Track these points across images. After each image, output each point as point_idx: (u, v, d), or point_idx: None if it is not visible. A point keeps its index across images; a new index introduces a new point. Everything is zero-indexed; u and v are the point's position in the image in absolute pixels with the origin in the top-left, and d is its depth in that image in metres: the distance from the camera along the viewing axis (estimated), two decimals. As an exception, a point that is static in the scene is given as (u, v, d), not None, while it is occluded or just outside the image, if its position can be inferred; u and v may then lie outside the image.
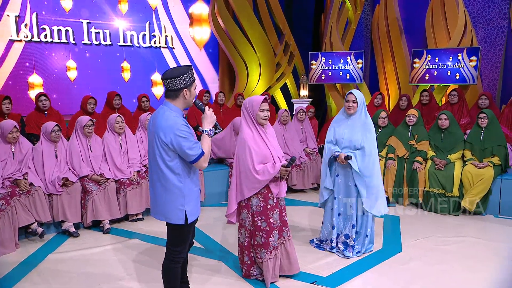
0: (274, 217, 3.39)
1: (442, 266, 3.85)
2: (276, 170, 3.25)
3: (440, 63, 7.80)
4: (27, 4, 7.21)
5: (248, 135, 3.33)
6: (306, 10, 10.48)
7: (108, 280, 3.63)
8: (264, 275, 3.43)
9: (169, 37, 8.65)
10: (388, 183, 5.61)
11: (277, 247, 3.43)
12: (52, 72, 7.47)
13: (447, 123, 5.38)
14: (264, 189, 3.35)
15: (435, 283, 3.53)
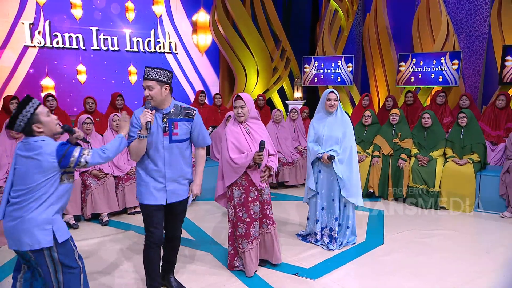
0: (254, 209, 3.23)
1: (421, 257, 3.68)
2: (249, 156, 3.08)
3: (425, 66, 7.64)
4: (40, 13, 7.11)
5: (229, 130, 3.22)
6: (303, 19, 10.36)
7: (104, 269, 3.48)
8: (246, 265, 3.27)
9: (172, 43, 8.52)
10: (373, 179, 5.47)
11: (257, 237, 3.28)
12: (63, 75, 7.36)
13: (430, 122, 5.22)
14: (245, 181, 3.19)
15: (413, 274, 3.36)
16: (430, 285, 3.19)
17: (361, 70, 9.87)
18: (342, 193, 3.77)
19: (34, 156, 2.14)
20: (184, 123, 2.73)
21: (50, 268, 2.23)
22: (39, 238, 2.16)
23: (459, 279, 3.27)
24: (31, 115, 2.17)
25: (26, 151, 2.17)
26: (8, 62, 6.89)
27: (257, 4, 8.90)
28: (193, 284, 3.17)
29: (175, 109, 2.72)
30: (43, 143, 2.18)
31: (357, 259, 3.67)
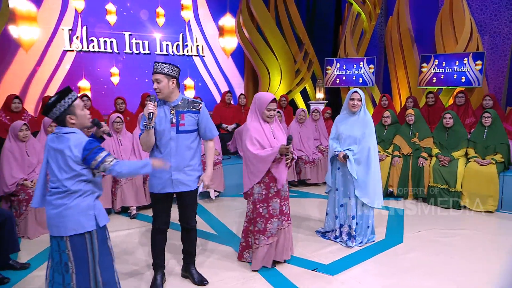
0: (274, 205, 3.17)
1: (440, 256, 3.53)
2: (275, 149, 3.03)
3: (447, 67, 7.35)
4: (78, 19, 7.29)
5: (252, 126, 3.14)
6: (326, 22, 10.23)
7: (130, 259, 3.52)
8: (255, 259, 3.23)
9: (200, 46, 8.56)
10: (393, 179, 5.31)
11: (275, 234, 3.21)
12: (98, 77, 7.51)
13: (451, 122, 5.02)
14: (266, 178, 3.13)
15: (433, 273, 3.23)
16: (449, 284, 3.05)
17: (383, 71, 9.63)
18: (356, 192, 3.67)
19: (64, 149, 2.15)
20: (191, 115, 2.78)
21: (89, 253, 2.23)
22: (83, 222, 2.19)
23: (479, 279, 3.12)
24: (68, 106, 2.19)
25: (57, 143, 2.18)
26: (49, 65, 7.10)
27: (281, 8, 8.84)
28: (214, 277, 3.15)
29: (182, 102, 2.79)
30: (72, 136, 2.19)
31: (376, 257, 3.56)
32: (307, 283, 3.06)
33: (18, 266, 3.28)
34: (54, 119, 2.21)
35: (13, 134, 4.08)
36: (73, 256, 2.20)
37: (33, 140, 4.27)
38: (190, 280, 3.08)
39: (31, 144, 4.22)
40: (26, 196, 3.98)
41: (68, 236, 2.17)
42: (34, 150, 4.24)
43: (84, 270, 2.23)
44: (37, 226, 4.05)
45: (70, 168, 2.16)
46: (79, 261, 2.21)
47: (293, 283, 3.06)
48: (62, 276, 2.21)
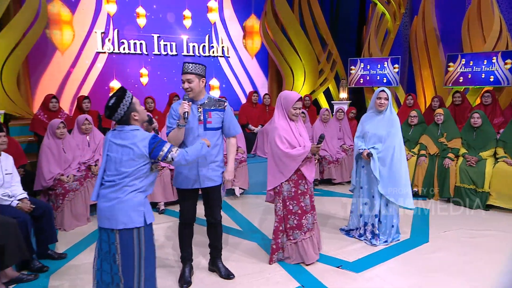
0: (305, 202, 3.20)
1: (467, 257, 3.43)
2: (307, 148, 3.08)
3: (474, 66, 7.12)
4: (110, 23, 7.46)
5: (280, 125, 3.15)
6: (349, 23, 10.09)
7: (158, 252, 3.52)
8: (302, 255, 3.24)
9: (225, 48, 8.61)
10: (418, 179, 5.20)
11: (311, 229, 3.24)
12: (129, 78, 7.68)
13: (479, 121, 4.86)
14: (295, 175, 3.15)
15: (460, 273, 3.14)
16: (477, 284, 2.96)
17: (407, 71, 9.42)
18: (380, 189, 3.61)
19: (129, 144, 2.21)
20: (217, 113, 2.85)
21: (135, 248, 2.26)
22: (133, 218, 2.23)
23: (507, 281, 3.01)
24: (130, 104, 2.25)
25: (121, 139, 2.23)
26: (83, 67, 7.31)
27: (305, 9, 8.79)
28: (239, 271, 3.17)
29: (208, 101, 2.85)
30: (138, 133, 2.26)
31: (402, 256, 3.50)
32: (332, 279, 3.04)
33: (56, 256, 3.41)
34: (119, 119, 2.25)
35: (51, 132, 4.23)
36: (120, 250, 2.23)
37: (69, 138, 4.42)
38: (217, 273, 3.12)
39: (67, 141, 4.37)
40: (62, 190, 4.13)
41: (118, 230, 2.21)
42: (70, 147, 4.39)
43: (129, 263, 2.26)
44: (72, 219, 4.19)
45: (132, 162, 2.21)
46: (125, 254, 2.24)
47: (318, 279, 3.05)
48: (110, 266, 2.27)
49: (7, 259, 2.83)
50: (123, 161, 2.21)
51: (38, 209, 3.28)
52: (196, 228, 3.39)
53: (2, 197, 3.14)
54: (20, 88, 6.59)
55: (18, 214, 3.07)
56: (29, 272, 3.11)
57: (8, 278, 2.94)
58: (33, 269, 3.14)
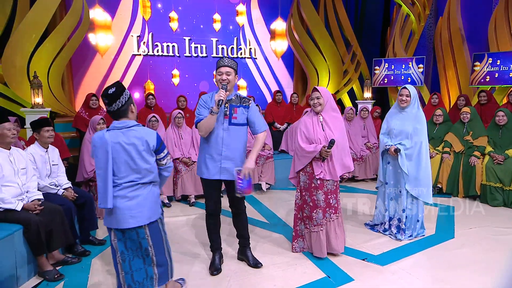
0: (317, 197, 3.14)
1: (494, 254, 3.30)
2: (317, 148, 3.05)
3: (502, 65, 6.82)
4: (145, 27, 7.63)
5: (303, 119, 3.24)
6: (374, 24, 9.90)
7: (189, 242, 3.64)
8: (311, 245, 3.24)
9: (252, 49, 8.63)
10: (443, 176, 5.05)
11: (320, 224, 3.17)
12: (161, 78, 7.83)
13: (504, 119, 4.68)
14: (309, 168, 3.15)
15: (486, 269, 3.02)
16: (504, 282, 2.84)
17: (431, 71, 9.14)
18: (406, 186, 3.53)
19: (137, 140, 2.14)
20: (242, 109, 2.85)
21: (163, 234, 2.33)
22: (157, 210, 2.28)
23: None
24: (130, 96, 2.22)
25: (125, 138, 2.14)
26: (120, 68, 7.51)
27: (330, 12, 8.70)
28: (267, 261, 3.18)
29: (235, 98, 2.87)
30: (143, 128, 2.22)
31: (427, 250, 3.41)
32: (358, 271, 3.00)
33: (97, 242, 3.53)
34: (117, 109, 2.14)
35: (92, 127, 4.37)
36: (152, 241, 2.25)
37: None
38: (246, 262, 3.14)
39: None
40: None
41: (147, 224, 2.21)
42: None
43: (161, 250, 2.32)
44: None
45: (145, 158, 2.17)
46: (156, 243, 2.28)
47: (344, 271, 3.01)
48: (143, 260, 2.28)
49: (54, 243, 2.96)
50: (135, 159, 2.14)
51: (81, 198, 3.41)
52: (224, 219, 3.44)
53: (50, 186, 3.28)
54: (64, 88, 6.85)
55: (64, 202, 3.20)
56: (73, 256, 3.23)
57: (55, 260, 3.07)
58: (77, 252, 3.27)
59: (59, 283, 2.85)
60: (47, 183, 3.27)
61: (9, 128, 2.96)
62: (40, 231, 2.81)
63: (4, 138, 2.95)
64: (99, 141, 2.14)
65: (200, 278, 2.92)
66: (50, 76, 6.39)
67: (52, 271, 2.90)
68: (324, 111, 3.15)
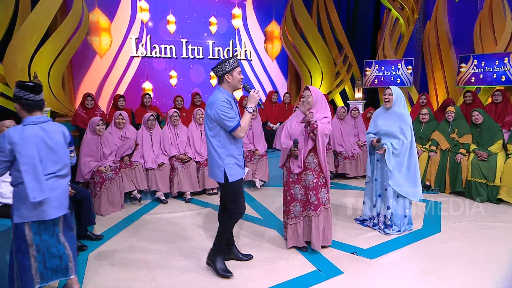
0: (294, 191, 3.16)
1: (480, 247, 3.30)
2: (288, 146, 3.09)
3: (486, 66, 6.84)
4: (144, 29, 7.56)
5: (290, 117, 3.27)
6: (365, 28, 9.88)
7: (184, 238, 3.61)
8: (287, 236, 3.27)
9: (248, 51, 8.57)
10: (431, 173, 5.05)
11: (297, 217, 3.17)
12: (159, 79, 7.76)
13: (480, 118, 4.70)
14: (289, 164, 3.17)
15: (472, 262, 3.03)
16: (489, 273, 2.84)
17: (420, 73, 9.14)
18: (390, 182, 3.51)
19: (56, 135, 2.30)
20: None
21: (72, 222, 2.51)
22: (68, 200, 2.42)
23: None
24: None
25: (46, 132, 2.23)
26: (119, 69, 7.44)
27: (322, 15, 8.67)
28: (260, 255, 3.16)
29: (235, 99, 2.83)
30: (57, 123, 2.35)
31: (414, 244, 3.41)
32: (347, 264, 2.99)
33: (94, 237, 3.48)
34: (41, 100, 2.24)
35: (92, 128, 4.32)
36: (64, 230, 2.39)
37: (107, 134, 4.49)
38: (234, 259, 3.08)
39: (105, 137, 4.45)
40: (100, 179, 4.21)
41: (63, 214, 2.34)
42: (107, 142, 4.46)
43: (73, 239, 2.47)
44: (108, 205, 4.27)
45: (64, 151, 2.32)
46: (69, 233, 2.44)
47: (334, 264, 3.00)
48: (56, 249, 2.31)
49: (51, 238, 2.90)
50: (56, 151, 2.23)
51: (78, 194, 3.36)
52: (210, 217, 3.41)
53: (47, 182, 3.22)
54: (65, 88, 6.78)
55: (61, 198, 3.15)
56: (71, 250, 3.18)
57: (52, 255, 3.02)
58: (74, 247, 3.22)
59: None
60: (45, 180, 3.21)
61: (8, 125, 2.92)
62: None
63: None
64: (20, 137, 2.10)
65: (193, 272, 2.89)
66: (51, 76, 6.32)
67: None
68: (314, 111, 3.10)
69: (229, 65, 2.61)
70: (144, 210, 4.38)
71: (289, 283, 2.72)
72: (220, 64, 2.63)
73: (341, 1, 9.48)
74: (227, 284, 2.71)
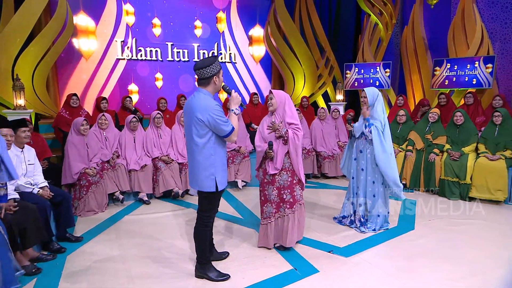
0: (268, 191, 3.12)
1: (450, 243, 3.34)
2: (263, 148, 3.06)
3: (459, 70, 6.96)
4: (129, 32, 7.42)
5: (262, 121, 3.24)
6: (347, 32, 9.92)
7: (165, 237, 3.53)
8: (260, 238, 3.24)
9: (232, 54, 8.51)
10: (407, 172, 5.08)
11: (268, 217, 3.13)
12: (145, 82, 7.64)
13: (462, 119, 4.74)
14: (264, 165, 3.15)
15: (442, 257, 3.05)
16: (460, 268, 2.87)
17: (398, 76, 9.24)
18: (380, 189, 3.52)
19: None
20: None
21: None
22: None
23: (486, 265, 2.92)
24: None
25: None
26: (105, 72, 7.29)
27: (305, 20, 8.68)
28: (239, 254, 3.11)
29: None
30: None
31: (388, 242, 3.41)
32: (323, 263, 2.97)
33: (73, 239, 3.38)
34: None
35: (76, 129, 4.19)
36: None
37: (91, 135, 4.37)
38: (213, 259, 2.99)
39: (90, 138, 4.32)
40: (86, 183, 4.08)
41: None
42: (93, 143, 4.33)
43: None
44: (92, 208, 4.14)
45: None
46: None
47: (310, 263, 2.97)
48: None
49: (27, 241, 2.81)
50: None
51: (57, 197, 3.26)
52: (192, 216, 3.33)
53: (25, 185, 3.12)
54: (50, 91, 6.60)
55: (39, 200, 3.05)
56: (49, 253, 3.08)
57: (29, 257, 2.91)
58: (52, 250, 3.12)
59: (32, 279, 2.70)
60: (22, 182, 3.10)
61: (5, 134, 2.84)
62: (13, 229, 2.66)
63: None
64: None
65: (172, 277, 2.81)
66: (35, 78, 6.15)
67: (30, 266, 2.77)
68: (277, 111, 3.08)
69: (216, 67, 2.46)
70: (127, 211, 4.28)
71: (266, 283, 2.68)
72: (206, 66, 2.44)
73: (323, 7, 9.51)
74: (205, 285, 2.65)
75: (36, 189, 3.16)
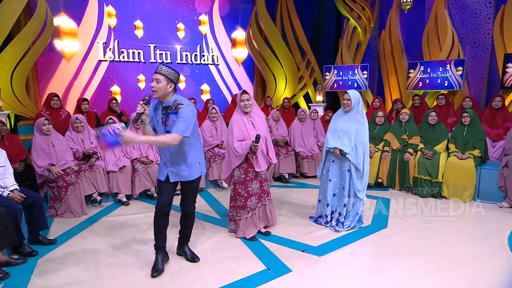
0: (252, 187, 3.26)
1: (422, 240, 3.35)
2: (248, 145, 3.12)
3: (431, 72, 7.06)
4: (111, 34, 7.26)
5: (235, 120, 3.24)
6: (328, 35, 9.98)
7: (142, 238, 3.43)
8: (239, 230, 3.34)
9: (215, 56, 8.41)
10: (383, 171, 5.09)
11: (254, 209, 3.32)
12: (127, 83, 7.48)
13: (435, 119, 4.80)
14: (245, 164, 3.23)
15: (413, 254, 3.06)
16: (428, 265, 2.86)
17: (377, 78, 9.32)
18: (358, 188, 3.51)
19: None
20: (173, 115, 2.55)
21: None
22: None
23: (458, 260, 2.94)
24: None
25: None
26: (87, 73, 7.10)
27: (286, 23, 8.67)
28: (213, 255, 3.04)
29: (172, 104, 2.56)
30: None
31: (361, 240, 3.39)
32: (296, 262, 2.92)
33: (46, 242, 3.24)
34: None
35: (38, 129, 4.02)
36: None
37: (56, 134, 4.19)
38: (184, 257, 2.98)
39: (55, 137, 4.14)
40: (64, 184, 3.94)
41: None
42: (58, 142, 4.16)
43: None
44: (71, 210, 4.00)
45: None
46: None
47: (284, 262, 2.92)
48: None
49: (-5, 245, 2.66)
50: None
51: (29, 199, 3.12)
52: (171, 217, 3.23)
53: (-6, 188, 2.97)
54: (30, 92, 6.39)
55: (9, 203, 2.90)
56: (19, 256, 2.94)
57: (-2, 262, 2.77)
58: (24, 253, 2.98)
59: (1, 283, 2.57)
60: (-9, 185, 2.96)
61: None
62: (-21, 234, 2.52)
63: None
64: None
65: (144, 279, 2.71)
66: (14, 80, 5.94)
67: (-4, 271, 2.62)
68: (253, 111, 3.27)
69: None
70: (105, 212, 4.15)
71: (238, 283, 2.62)
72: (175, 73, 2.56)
73: (304, 10, 9.52)
74: (177, 285, 2.57)
75: (5, 192, 3.01)
